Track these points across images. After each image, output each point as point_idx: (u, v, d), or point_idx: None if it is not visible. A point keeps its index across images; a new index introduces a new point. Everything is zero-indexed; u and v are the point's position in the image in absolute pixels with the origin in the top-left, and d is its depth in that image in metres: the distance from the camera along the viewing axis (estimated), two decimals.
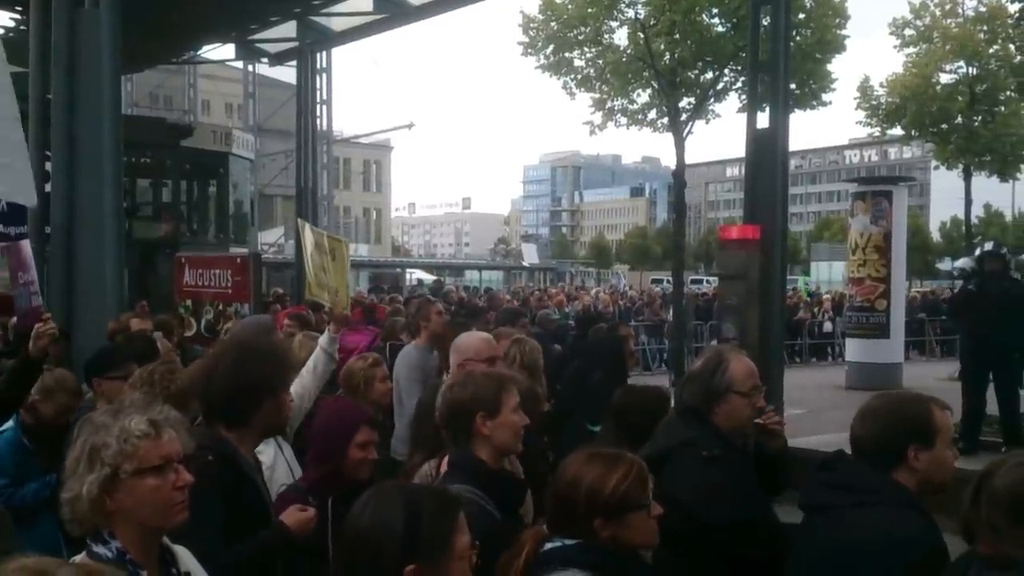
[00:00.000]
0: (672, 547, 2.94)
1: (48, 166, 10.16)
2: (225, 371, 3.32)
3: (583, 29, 18.74)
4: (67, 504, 2.23)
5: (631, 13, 18.61)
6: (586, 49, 19.23)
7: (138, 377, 4.35)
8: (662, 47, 18.13)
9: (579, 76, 19.41)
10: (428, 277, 55.10)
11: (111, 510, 2.22)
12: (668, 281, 35.96)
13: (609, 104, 19.64)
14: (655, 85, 18.60)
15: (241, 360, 3.36)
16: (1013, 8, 19.68)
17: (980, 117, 29.53)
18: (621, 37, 19.07)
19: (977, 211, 45.29)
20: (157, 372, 4.37)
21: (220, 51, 22.30)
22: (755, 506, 3.40)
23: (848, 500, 2.81)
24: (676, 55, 18.15)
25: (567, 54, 19.27)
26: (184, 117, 28.09)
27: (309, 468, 3.70)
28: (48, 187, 10.11)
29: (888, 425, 2.84)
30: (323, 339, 5.34)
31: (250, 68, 25.53)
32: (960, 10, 30.24)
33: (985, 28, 29.55)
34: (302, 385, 5.01)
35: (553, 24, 19.00)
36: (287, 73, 22.37)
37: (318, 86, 19.39)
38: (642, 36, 17.72)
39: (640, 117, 19.70)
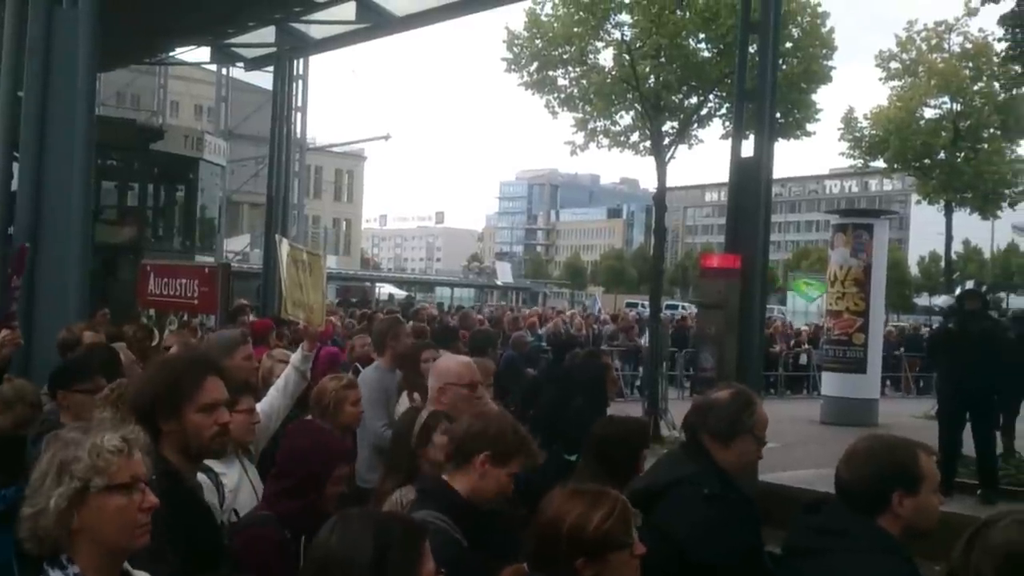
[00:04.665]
0: None
1: (15, 166, 9.90)
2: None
3: (568, 48, 18.61)
4: (29, 520, 2.16)
5: (617, 34, 18.54)
6: (570, 68, 19.12)
7: (104, 396, 4.16)
8: (647, 70, 18.01)
9: (562, 95, 19.26)
10: (399, 292, 54.79)
11: (75, 528, 2.17)
12: (643, 305, 35.83)
13: (591, 125, 19.52)
14: (639, 108, 18.45)
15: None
16: (999, 46, 19.71)
17: (963, 153, 29.76)
18: (606, 58, 19.01)
19: (956, 247, 45.53)
20: (119, 391, 4.12)
21: (195, 53, 21.99)
22: (751, 549, 3.35)
23: (832, 545, 2.78)
24: (661, 78, 18.04)
25: (551, 72, 19.16)
26: (152, 118, 27.63)
27: (280, 497, 3.45)
28: (14, 186, 9.85)
29: (874, 470, 2.82)
30: (295, 357, 5.26)
31: (224, 71, 25.16)
32: (946, 45, 30.48)
33: (970, 64, 29.83)
34: (270, 404, 4.94)
35: (538, 42, 18.89)
36: (260, 77, 22.10)
37: (293, 93, 19.11)
38: (627, 58, 17.59)
39: (622, 139, 19.58)
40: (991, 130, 29.97)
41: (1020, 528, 2.21)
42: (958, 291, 11.14)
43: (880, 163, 32.22)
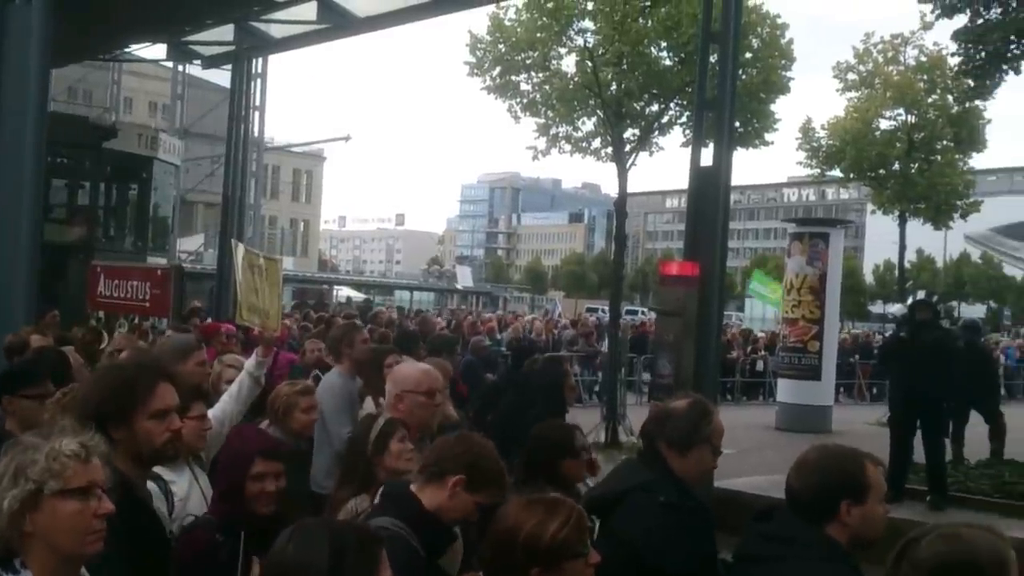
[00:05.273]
0: None
1: None
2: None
3: (531, 53, 18.56)
4: None
5: (580, 41, 18.50)
6: (533, 73, 19.07)
7: (56, 400, 4.05)
8: (609, 77, 18.03)
9: (525, 100, 19.22)
10: (357, 295, 54.35)
11: (28, 532, 2.17)
12: (603, 310, 35.91)
13: (553, 130, 19.47)
14: (600, 114, 18.47)
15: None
16: (953, 61, 20.02)
17: (917, 165, 30.23)
18: (569, 64, 18.97)
19: (910, 256, 46.22)
20: (71, 395, 3.98)
21: (151, 50, 21.56)
22: (706, 557, 3.40)
23: (782, 552, 2.83)
24: (623, 86, 18.07)
25: (514, 77, 19.09)
26: (105, 115, 27.08)
27: (215, 501, 3.58)
28: None
29: (822, 479, 2.88)
30: (249, 362, 5.22)
31: (180, 68, 24.75)
32: (902, 58, 30.94)
33: (925, 77, 30.30)
34: (223, 410, 4.88)
35: (501, 46, 18.81)
36: (217, 74, 21.80)
37: (252, 91, 18.90)
38: (590, 64, 17.59)
39: (584, 145, 19.56)
40: (944, 142, 30.51)
41: (945, 542, 2.25)
42: (909, 300, 11.27)
43: (837, 172, 32.64)
